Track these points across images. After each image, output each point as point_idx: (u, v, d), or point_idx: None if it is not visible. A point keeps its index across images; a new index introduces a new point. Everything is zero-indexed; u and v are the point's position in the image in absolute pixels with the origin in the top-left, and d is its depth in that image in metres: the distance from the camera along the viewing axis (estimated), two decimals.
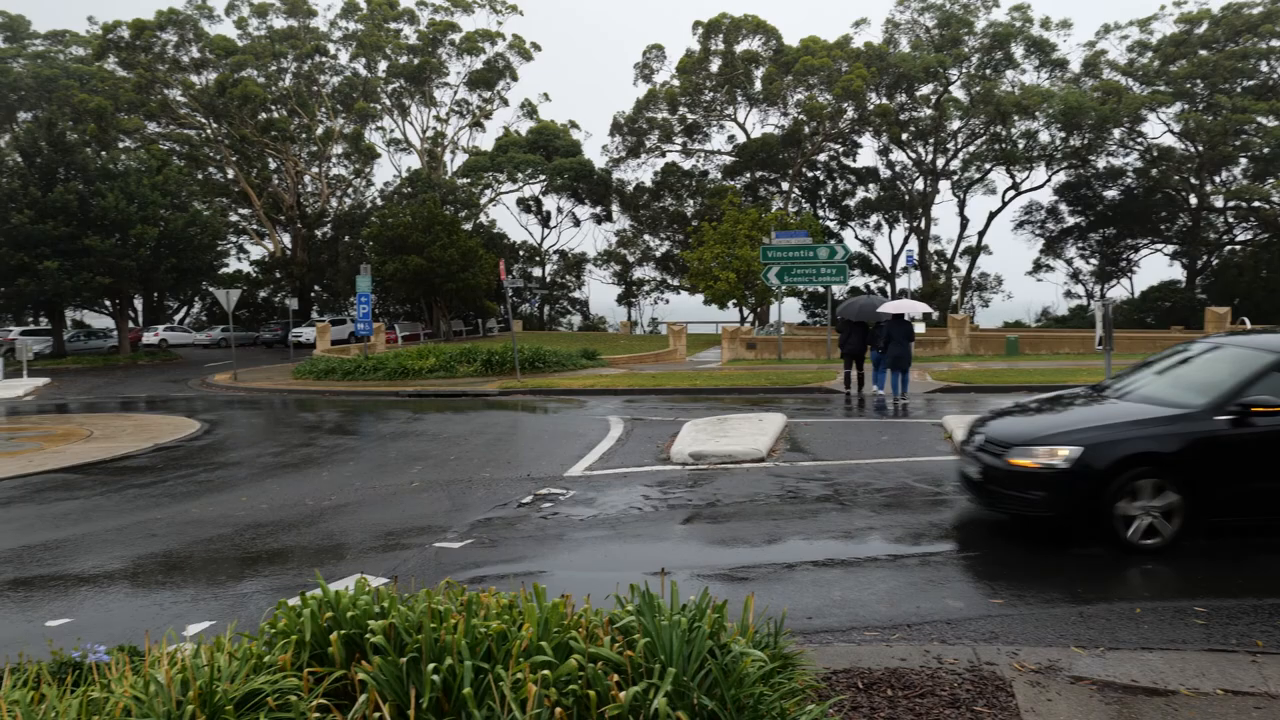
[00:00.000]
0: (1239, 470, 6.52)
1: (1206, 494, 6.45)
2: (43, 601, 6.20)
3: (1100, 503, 6.42)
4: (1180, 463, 6.44)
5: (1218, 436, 6.48)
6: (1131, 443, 6.56)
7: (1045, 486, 6.61)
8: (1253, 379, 6.67)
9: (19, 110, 49.63)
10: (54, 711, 2.73)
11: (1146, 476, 6.44)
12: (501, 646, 3.35)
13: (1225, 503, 6.52)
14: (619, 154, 57.93)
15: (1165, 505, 6.41)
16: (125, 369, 35.48)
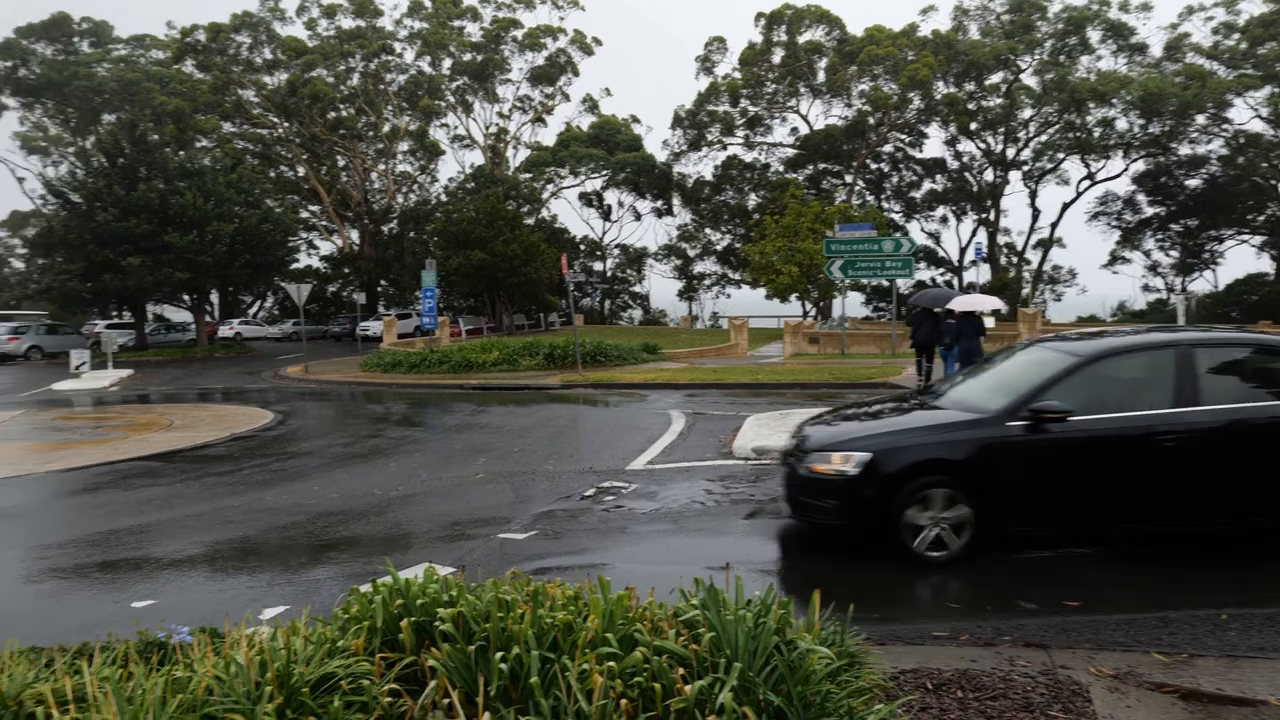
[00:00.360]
0: (1033, 479, 6.14)
1: (999, 504, 6.08)
2: (129, 583, 6.47)
3: (889, 512, 6.10)
4: (970, 471, 6.11)
5: (1009, 443, 6.10)
6: (920, 449, 6.26)
7: (837, 494, 6.33)
8: (1049, 383, 6.28)
9: (103, 112, 51.76)
10: (141, 689, 2.83)
11: (937, 485, 6.11)
12: (567, 637, 3.36)
13: (1019, 513, 6.16)
14: (680, 147, 57.81)
15: (955, 516, 6.08)
16: (202, 361, 36.78)
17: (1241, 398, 6.27)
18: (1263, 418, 6.14)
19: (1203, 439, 6.04)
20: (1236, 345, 6.76)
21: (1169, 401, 6.14)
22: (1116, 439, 6.08)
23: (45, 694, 2.79)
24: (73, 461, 12.06)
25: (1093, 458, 6.08)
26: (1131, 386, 6.44)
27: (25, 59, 52.92)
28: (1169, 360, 6.32)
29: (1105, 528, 6.21)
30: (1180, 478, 6.09)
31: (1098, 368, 6.42)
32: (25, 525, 8.92)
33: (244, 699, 2.84)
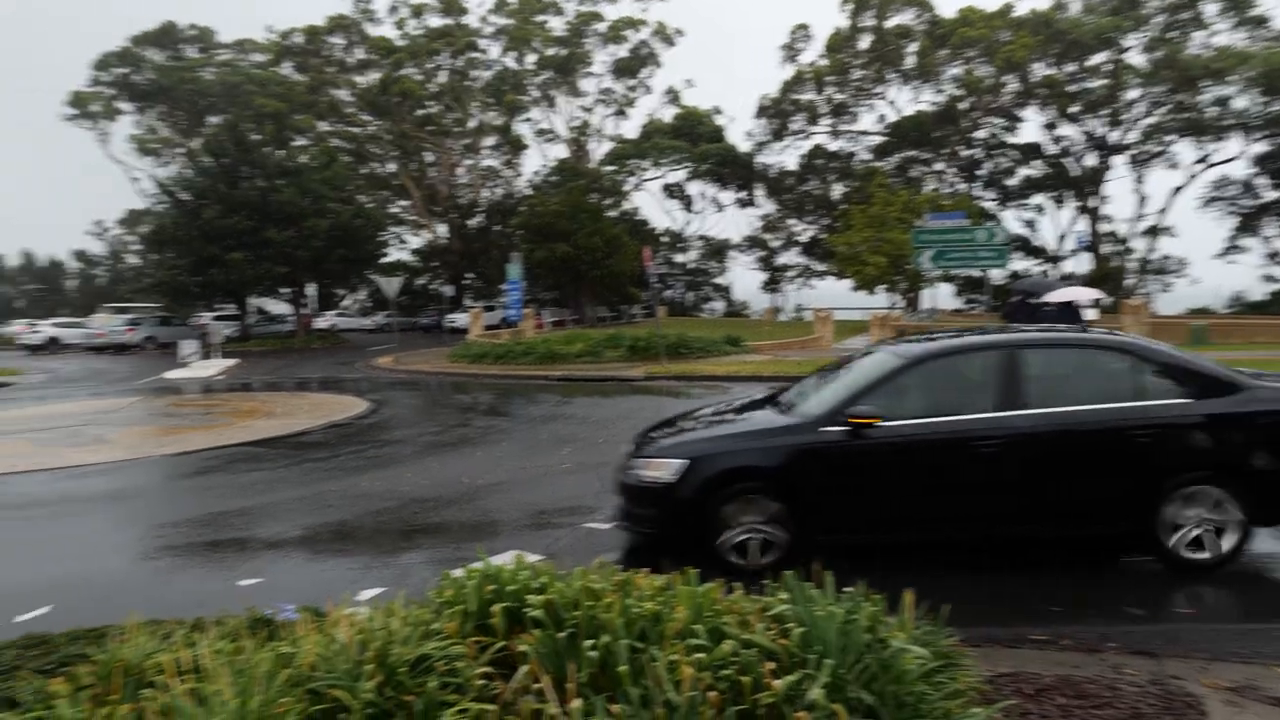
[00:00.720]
0: (848, 486, 5.92)
1: (813, 511, 5.85)
2: (236, 562, 6.80)
3: (704, 520, 5.88)
4: (785, 478, 5.90)
5: (822, 449, 5.88)
6: (735, 456, 6.06)
7: (655, 502, 6.11)
8: (868, 388, 6.06)
9: (209, 114, 54.30)
10: (251, 663, 2.97)
11: (752, 493, 5.89)
12: (655, 627, 3.37)
13: (835, 520, 5.92)
14: (763, 137, 57.15)
15: (769, 524, 5.85)
16: (300, 351, 38.28)
17: (1069, 400, 5.91)
18: (1090, 421, 5.81)
19: (1026, 444, 5.77)
20: (1067, 346, 6.46)
21: (993, 405, 5.88)
22: (934, 444, 5.85)
23: (165, 663, 2.95)
24: (184, 446, 12.72)
25: (909, 464, 5.88)
26: (956, 390, 6.21)
27: (138, 66, 55.93)
28: (995, 362, 6.05)
29: (925, 535, 5.97)
30: (1003, 484, 5.84)
31: (920, 371, 6.21)
32: (143, 505, 9.48)
33: (346, 676, 2.95)
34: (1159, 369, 6.00)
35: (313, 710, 2.84)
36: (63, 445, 13.10)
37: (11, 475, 10.79)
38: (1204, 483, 5.70)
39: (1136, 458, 5.74)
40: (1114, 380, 6.03)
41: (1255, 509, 5.70)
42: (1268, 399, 5.88)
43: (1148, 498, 5.69)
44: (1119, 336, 6.65)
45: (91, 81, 56.09)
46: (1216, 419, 5.78)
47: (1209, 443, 5.78)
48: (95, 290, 75.80)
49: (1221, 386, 5.90)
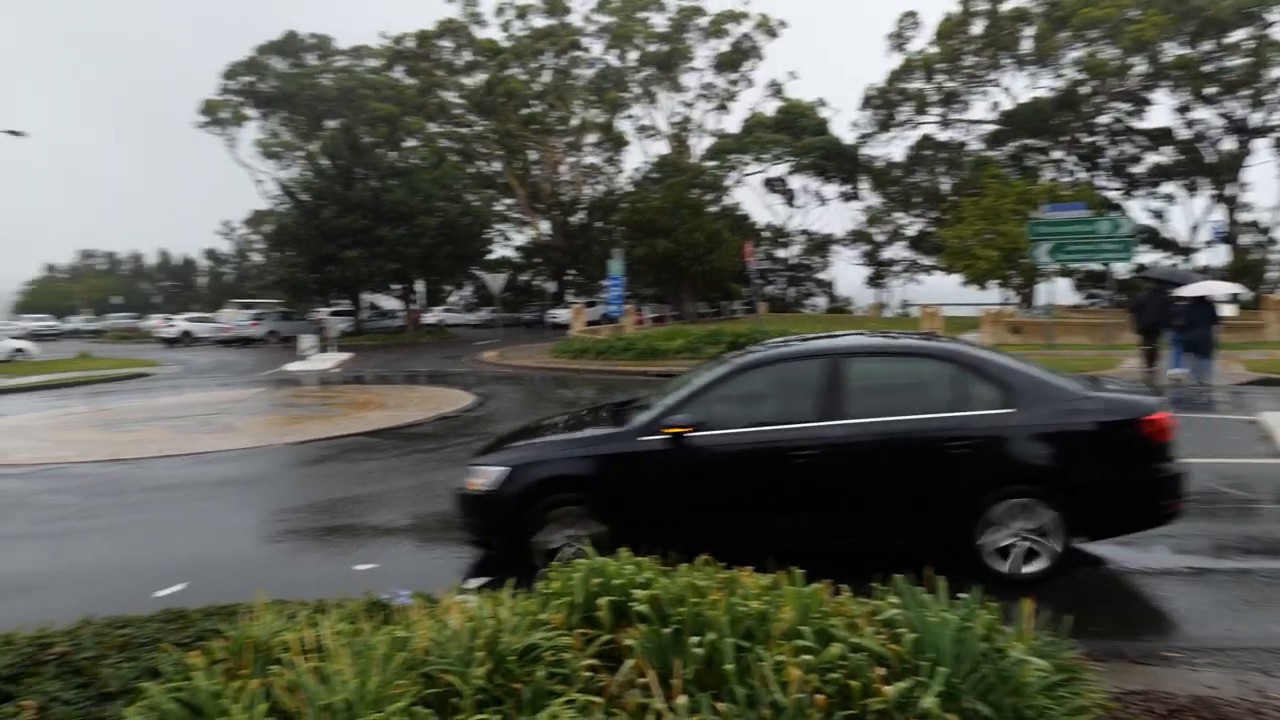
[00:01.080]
0: (666, 496, 5.75)
1: (632, 522, 5.63)
2: (352, 547, 7.09)
3: (521, 531, 5.76)
4: (603, 488, 5.76)
5: (640, 459, 5.73)
6: (555, 465, 5.93)
7: (479, 511, 6.04)
8: (691, 396, 5.92)
9: (326, 119, 56.90)
10: (369, 645, 3.08)
11: (572, 503, 5.77)
12: (761, 627, 3.33)
13: (653, 532, 5.48)
14: (868, 129, 55.75)
15: (589, 534, 5.60)
16: (409, 346, 39.66)
17: (890, 410, 5.74)
18: (908, 431, 5.63)
19: (844, 454, 5.61)
20: (891, 354, 6.33)
21: (814, 414, 5.73)
22: (751, 454, 5.72)
23: (291, 642, 3.09)
24: (304, 435, 13.38)
25: (726, 474, 5.75)
26: (779, 399, 6.07)
27: (263, 74, 59.13)
28: (817, 371, 5.91)
29: (744, 547, 5.57)
30: (821, 495, 5.70)
31: (743, 380, 6.08)
32: (267, 490, 10.01)
33: (458, 661, 3.02)
34: (984, 378, 5.78)
35: (426, 693, 2.93)
36: (196, 432, 13.98)
37: (151, 459, 11.58)
38: (1024, 495, 5.53)
39: (955, 469, 5.55)
40: (937, 389, 5.85)
41: (1077, 521, 5.53)
42: (1092, 409, 5.67)
43: (967, 510, 5.53)
44: (944, 344, 6.34)
45: (221, 90, 59.68)
46: (1037, 429, 5.58)
47: (1030, 454, 5.58)
48: (223, 287, 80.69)
49: (1048, 396, 5.70)
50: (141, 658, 3.14)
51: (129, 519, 8.54)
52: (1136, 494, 5.65)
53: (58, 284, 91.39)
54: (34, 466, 11.43)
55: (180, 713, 2.71)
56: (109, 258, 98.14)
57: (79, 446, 12.96)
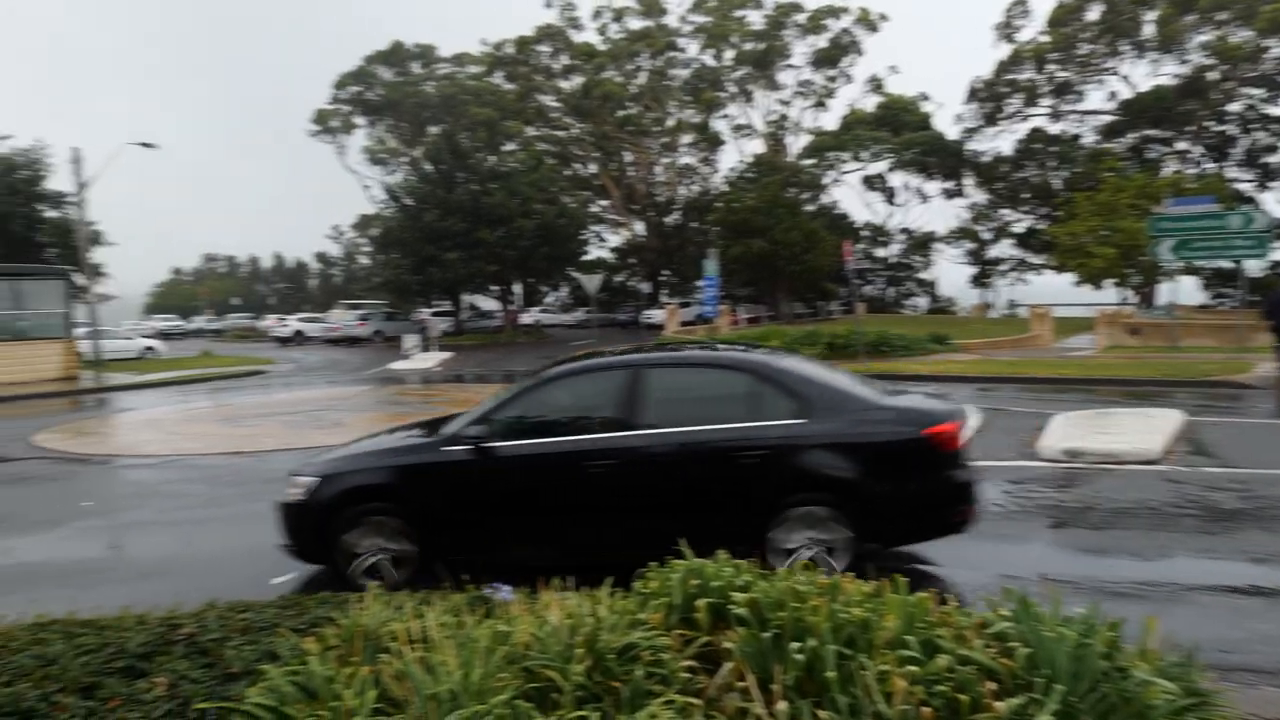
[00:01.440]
0: (468, 506, 5.77)
1: (438, 532, 5.71)
2: None
3: (329, 539, 5.71)
4: (410, 497, 5.76)
5: (444, 469, 5.77)
6: (361, 475, 5.92)
7: (289, 520, 5.97)
8: (497, 407, 5.98)
9: (429, 125, 58.73)
10: (472, 637, 3.15)
11: (380, 512, 5.73)
12: (864, 635, 3.24)
13: (460, 542, 5.73)
14: (974, 123, 53.86)
15: (398, 544, 5.68)
16: (507, 345, 40.53)
17: (687, 421, 5.77)
18: (702, 442, 5.65)
19: (640, 465, 5.64)
20: (690, 365, 6.42)
21: (614, 425, 5.77)
22: (551, 465, 5.75)
23: (398, 632, 3.19)
24: None
25: (527, 484, 5.79)
26: (582, 410, 6.11)
27: (370, 83, 61.50)
28: (618, 383, 5.94)
29: (548, 556, 5.65)
30: (619, 505, 5.71)
31: (550, 390, 6.17)
32: None
33: (558, 657, 3.06)
34: (779, 389, 5.79)
35: (527, 687, 2.97)
36: (307, 427, 14.64)
37: (268, 453, 12.19)
38: (816, 503, 5.54)
39: (747, 478, 5.57)
40: (734, 400, 5.88)
41: (866, 529, 5.52)
42: (882, 420, 5.70)
43: (759, 519, 5.52)
44: (742, 355, 6.38)
45: (331, 100, 62.40)
46: (828, 440, 5.60)
47: (820, 463, 5.59)
48: (332, 288, 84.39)
49: (842, 406, 5.74)
50: (261, 641, 3.30)
51: (248, 509, 9.00)
52: (924, 503, 5.67)
53: (183, 286, 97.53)
54: (164, 458, 12.19)
55: (297, 695, 2.83)
56: (229, 261, 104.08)
57: (203, 439, 13.76)
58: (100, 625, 3.65)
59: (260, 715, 2.76)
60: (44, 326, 26.72)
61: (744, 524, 5.55)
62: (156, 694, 2.89)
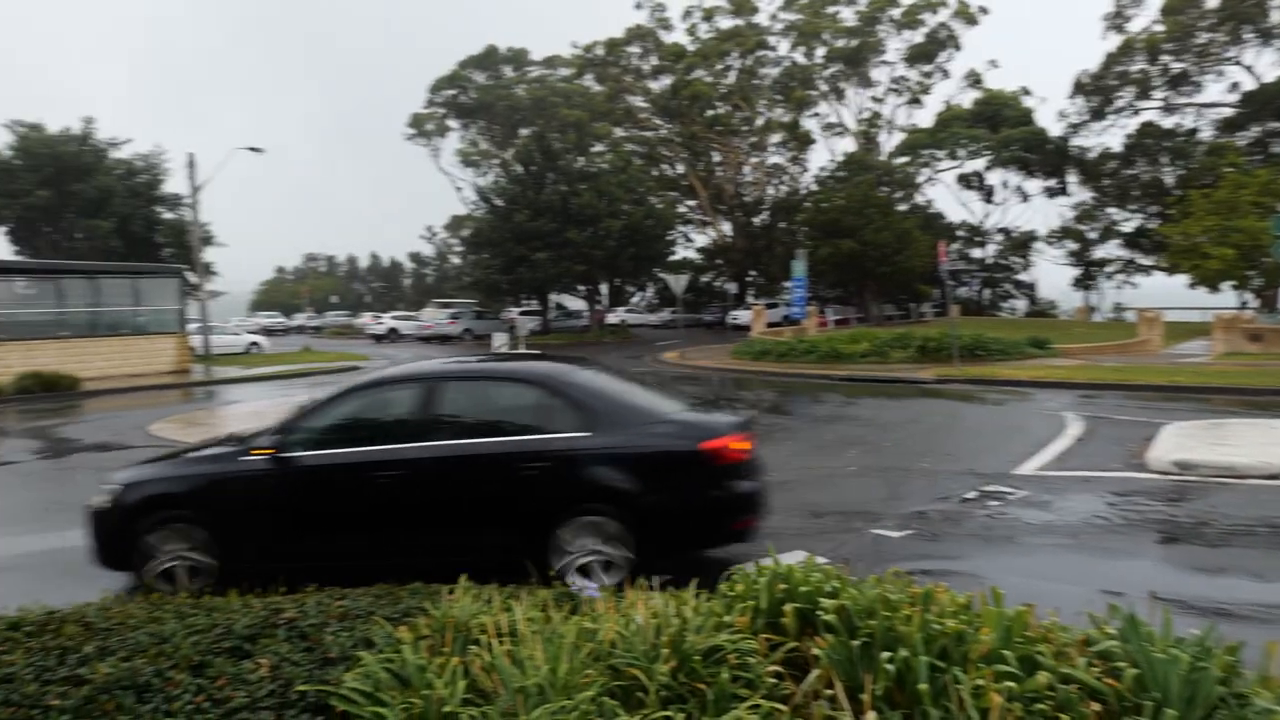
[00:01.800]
0: (266, 515, 5.86)
1: (237, 541, 5.78)
2: None
3: (131, 547, 5.77)
4: (209, 507, 5.83)
5: (240, 478, 5.86)
6: (162, 483, 5.99)
7: (93, 525, 6.02)
8: (303, 415, 6.10)
9: (520, 127, 59.79)
10: (558, 633, 3.18)
11: (179, 521, 5.81)
12: (958, 647, 3.14)
13: (258, 551, 5.80)
14: (1079, 118, 51.53)
15: (196, 552, 5.76)
16: (593, 345, 40.87)
17: (476, 433, 5.98)
18: (487, 453, 5.82)
19: (427, 476, 5.77)
20: (483, 378, 6.60)
21: (406, 437, 5.90)
22: (345, 475, 5.83)
23: (487, 625, 3.25)
24: None
25: (322, 494, 5.88)
26: (379, 421, 6.23)
27: (464, 87, 63.04)
28: (413, 394, 6.11)
29: (344, 565, 5.61)
30: (408, 515, 5.81)
31: (350, 401, 6.24)
32: None
33: (643, 657, 3.06)
34: (567, 402, 5.95)
35: (612, 685, 2.98)
36: None
37: None
38: (597, 514, 5.66)
39: (531, 489, 5.71)
40: (522, 413, 6.11)
41: (645, 539, 5.64)
42: (663, 433, 5.87)
43: (542, 528, 5.63)
44: (533, 368, 6.59)
45: (427, 104, 64.25)
46: (610, 452, 5.73)
47: (601, 475, 5.72)
48: (425, 287, 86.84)
49: (628, 420, 5.89)
50: (357, 628, 3.41)
51: None
52: (701, 512, 5.82)
53: (286, 284, 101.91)
54: None
55: (390, 682, 2.91)
56: (328, 261, 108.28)
57: None
58: (209, 607, 3.84)
59: (356, 700, 2.85)
60: (160, 322, 28.35)
61: (528, 533, 5.68)
62: (260, 674, 3.02)
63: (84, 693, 2.90)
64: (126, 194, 40.25)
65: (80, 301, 26.45)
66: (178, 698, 2.88)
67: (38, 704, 2.85)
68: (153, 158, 42.71)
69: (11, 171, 39.31)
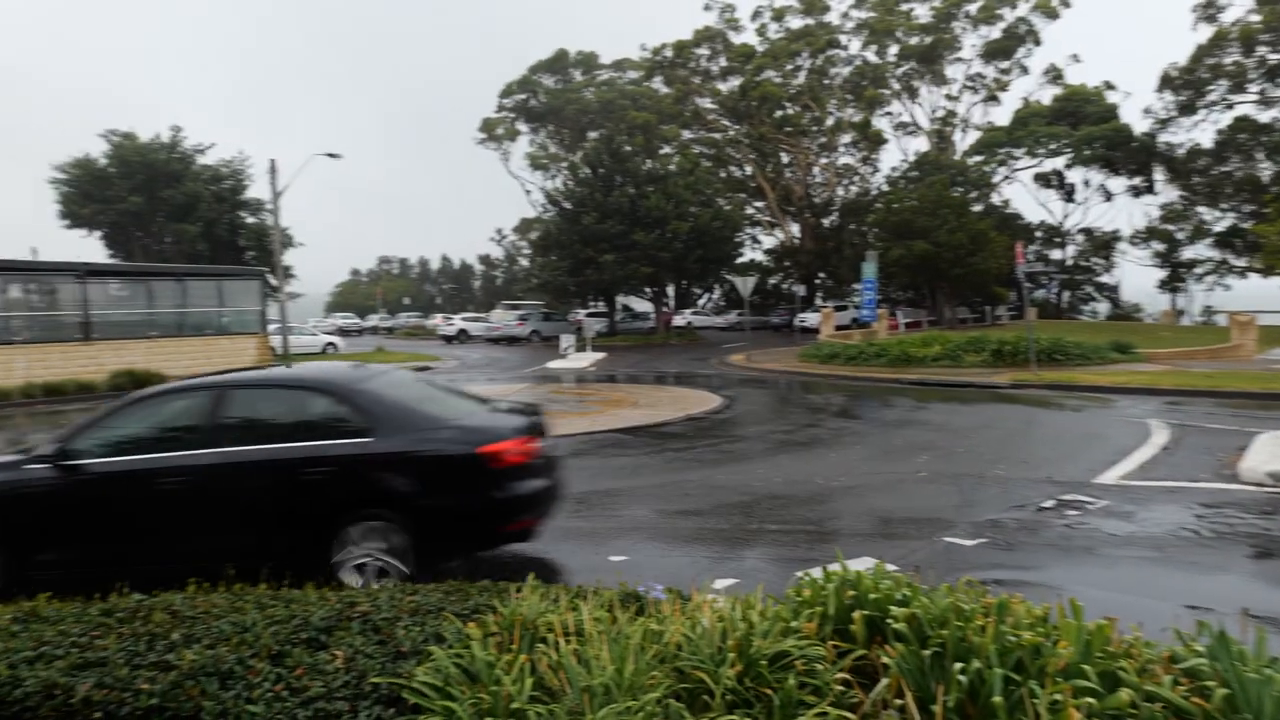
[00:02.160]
0: (53, 523, 5.89)
1: (26, 548, 5.84)
2: (606, 539, 7.43)
3: None
4: None
5: (25, 487, 5.87)
6: None
7: None
8: (91, 423, 6.13)
9: (588, 130, 60.25)
10: (624, 634, 3.19)
11: None
12: (1035, 661, 3.05)
13: (50, 558, 5.88)
14: (1167, 113, 49.46)
15: None
16: (659, 347, 40.93)
17: (261, 439, 6.00)
18: (273, 458, 5.86)
19: (214, 481, 5.82)
20: (269, 386, 6.63)
21: (193, 443, 5.96)
22: (132, 483, 5.87)
23: (554, 623, 3.28)
24: (562, 429, 14.18)
25: (109, 502, 5.90)
26: (168, 428, 6.21)
27: (534, 91, 63.85)
28: (201, 402, 6.17)
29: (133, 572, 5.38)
30: (196, 520, 5.87)
31: (139, 409, 6.25)
32: None
33: (709, 660, 3.05)
34: (351, 408, 6.03)
35: (678, 687, 2.98)
36: None
37: None
38: (377, 518, 5.76)
39: (311, 494, 5.79)
40: (308, 419, 6.13)
41: (424, 541, 5.75)
42: (442, 439, 5.95)
43: (324, 532, 5.74)
44: (320, 375, 6.65)
45: (498, 108, 65.30)
46: (388, 457, 5.84)
47: (380, 480, 5.85)
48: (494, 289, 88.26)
49: (410, 425, 5.99)
50: (428, 623, 3.48)
51: None
52: (477, 515, 5.93)
53: (360, 286, 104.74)
54: None
55: (460, 677, 2.97)
56: (401, 263, 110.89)
57: None
58: (288, 599, 3.97)
59: (427, 694, 2.91)
60: (242, 323, 29.44)
61: (310, 538, 5.79)
62: (336, 665, 3.11)
63: (171, 678, 3.02)
64: (212, 199, 41.94)
65: (168, 303, 27.66)
66: (258, 686, 2.98)
67: (128, 687, 2.98)
68: (236, 163, 44.44)
69: (107, 179, 41.34)
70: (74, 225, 42.51)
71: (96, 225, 42.60)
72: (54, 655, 3.25)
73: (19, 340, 24.10)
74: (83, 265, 26.41)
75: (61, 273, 25.62)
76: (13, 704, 2.99)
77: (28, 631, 3.55)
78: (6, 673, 3.09)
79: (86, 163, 41.91)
